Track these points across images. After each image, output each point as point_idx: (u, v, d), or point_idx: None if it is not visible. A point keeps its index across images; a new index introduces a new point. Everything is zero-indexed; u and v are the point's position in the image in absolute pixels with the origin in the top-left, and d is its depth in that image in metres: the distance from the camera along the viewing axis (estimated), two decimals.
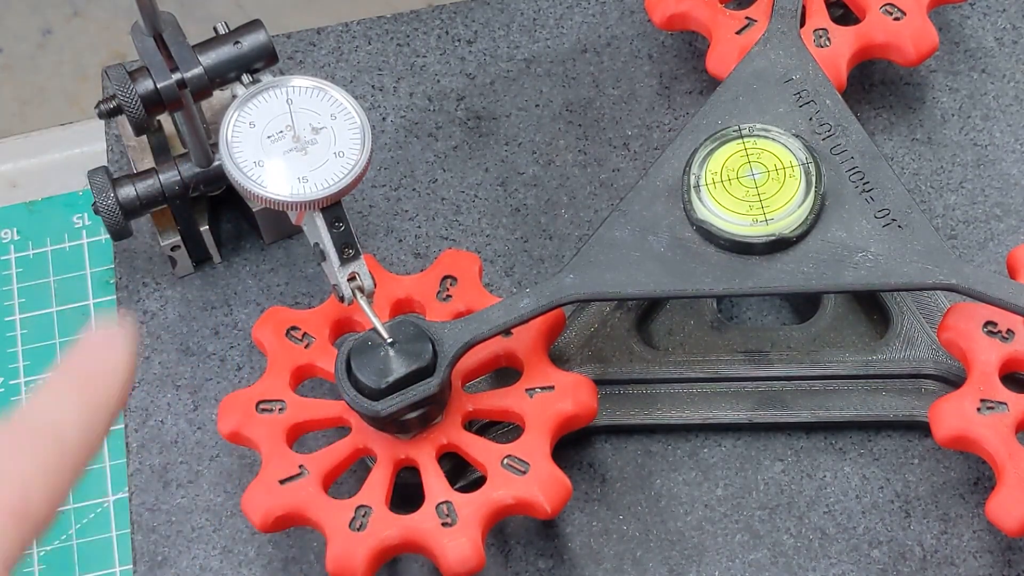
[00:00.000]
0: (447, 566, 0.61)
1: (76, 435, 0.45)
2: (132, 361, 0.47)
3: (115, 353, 0.47)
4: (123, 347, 0.47)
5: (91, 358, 0.47)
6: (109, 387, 0.46)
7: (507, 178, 0.74)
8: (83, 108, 1.33)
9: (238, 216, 0.74)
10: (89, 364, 0.47)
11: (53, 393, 0.46)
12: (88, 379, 0.46)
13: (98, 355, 0.47)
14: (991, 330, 0.64)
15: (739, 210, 0.63)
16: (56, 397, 0.46)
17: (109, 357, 0.47)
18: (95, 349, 0.47)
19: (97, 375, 0.47)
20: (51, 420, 0.45)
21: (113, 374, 0.46)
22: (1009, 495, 0.60)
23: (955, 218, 0.72)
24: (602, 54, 0.77)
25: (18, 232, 0.76)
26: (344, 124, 0.62)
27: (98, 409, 0.46)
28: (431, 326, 0.62)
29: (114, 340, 0.47)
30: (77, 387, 0.46)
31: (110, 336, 0.47)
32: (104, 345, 0.47)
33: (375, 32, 0.78)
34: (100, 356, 0.47)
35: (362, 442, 0.63)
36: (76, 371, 0.47)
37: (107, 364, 0.47)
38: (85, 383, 0.46)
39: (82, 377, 0.46)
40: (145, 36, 0.65)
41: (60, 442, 0.45)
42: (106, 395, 0.46)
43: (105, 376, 0.47)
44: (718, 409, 0.68)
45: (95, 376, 0.47)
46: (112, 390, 0.46)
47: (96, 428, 0.46)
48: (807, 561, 0.66)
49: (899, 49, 0.71)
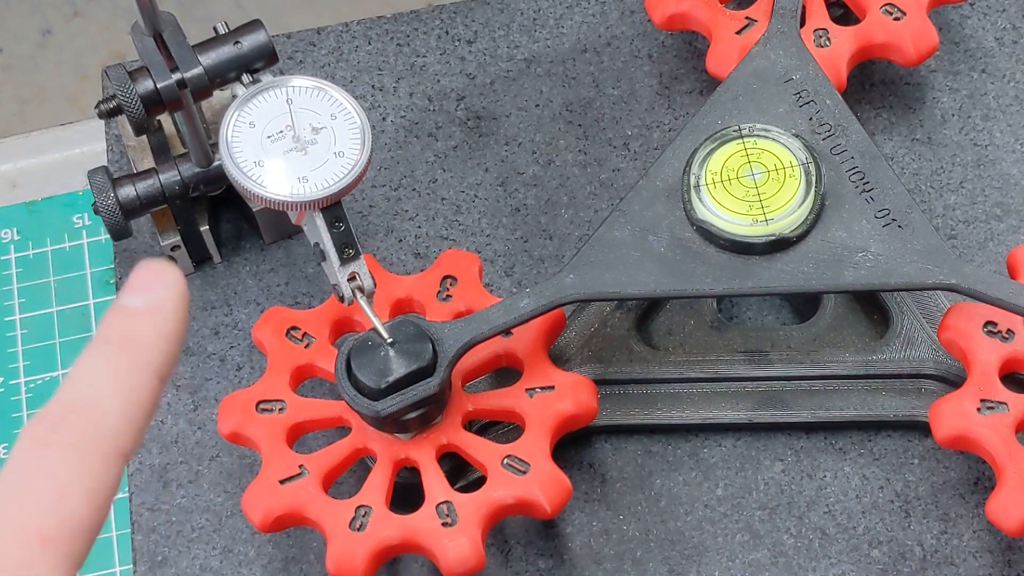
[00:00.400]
0: (447, 566, 0.61)
1: (118, 412, 0.40)
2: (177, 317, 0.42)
3: (155, 309, 0.42)
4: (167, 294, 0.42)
5: (130, 314, 0.42)
6: (151, 355, 0.41)
7: (507, 178, 0.74)
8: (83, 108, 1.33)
9: (238, 216, 0.74)
10: (125, 328, 0.42)
11: (87, 371, 0.41)
12: (125, 347, 0.41)
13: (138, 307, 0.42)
14: (991, 330, 0.64)
15: (739, 210, 0.63)
16: (91, 376, 0.41)
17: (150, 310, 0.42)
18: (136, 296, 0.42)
19: (136, 342, 0.41)
20: (87, 399, 0.40)
21: (156, 339, 0.42)
22: (1009, 495, 0.60)
23: (955, 218, 0.72)
24: (602, 54, 0.77)
25: (18, 232, 0.76)
26: (344, 124, 0.62)
27: (141, 381, 0.41)
28: (431, 326, 0.62)
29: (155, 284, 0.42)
30: (113, 360, 0.41)
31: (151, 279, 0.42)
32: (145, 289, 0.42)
33: (375, 32, 0.78)
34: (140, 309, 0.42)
35: (362, 442, 0.63)
36: (112, 339, 0.41)
37: (147, 320, 0.42)
38: (122, 353, 0.41)
39: (118, 347, 0.41)
40: (145, 36, 0.65)
41: (101, 421, 0.40)
42: (147, 364, 0.41)
43: (145, 342, 0.41)
44: (718, 409, 0.68)
45: (133, 343, 0.41)
46: (156, 357, 0.41)
47: (142, 400, 0.41)
48: (807, 561, 0.66)
49: (899, 49, 0.71)
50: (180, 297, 0.42)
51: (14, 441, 0.71)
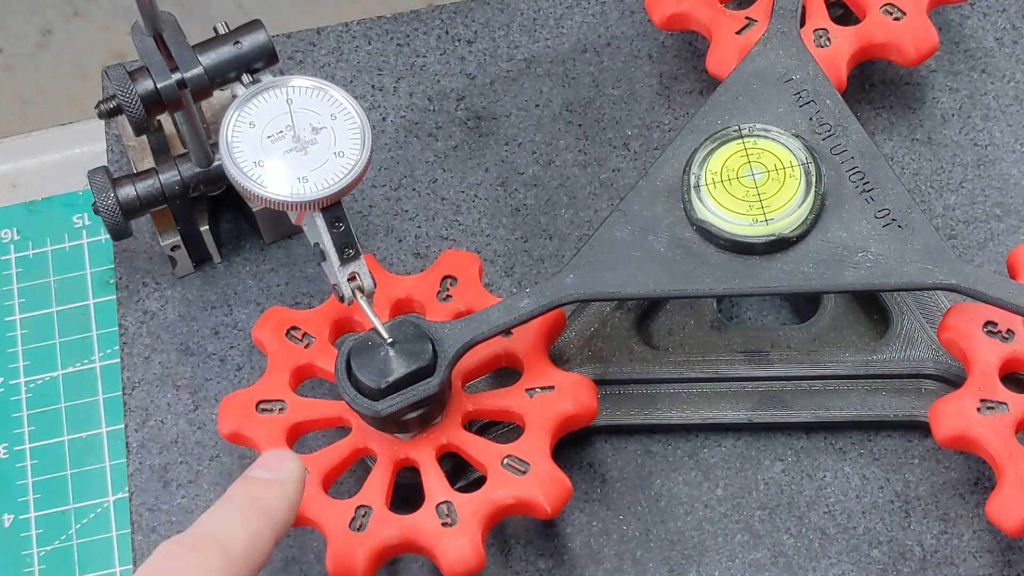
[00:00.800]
0: (447, 566, 0.61)
1: (242, 548, 0.49)
2: (299, 491, 0.52)
3: (283, 478, 0.51)
4: (291, 472, 0.52)
5: (259, 481, 0.52)
6: (275, 514, 0.51)
7: (507, 178, 0.74)
8: (83, 108, 1.33)
9: (238, 216, 0.74)
10: (256, 490, 0.51)
11: (221, 511, 0.50)
12: (254, 499, 0.51)
13: (266, 478, 0.52)
14: (991, 330, 0.64)
15: (739, 210, 0.63)
16: (224, 517, 0.50)
17: (276, 481, 0.52)
18: (264, 471, 0.52)
19: (264, 496, 0.51)
20: (218, 533, 0.49)
21: (281, 502, 0.51)
22: (1009, 495, 0.60)
23: (955, 218, 0.72)
24: (602, 54, 0.77)
25: (18, 232, 0.76)
26: (344, 124, 0.62)
27: (263, 531, 0.50)
28: (431, 326, 0.62)
29: (283, 464, 0.52)
30: (244, 505, 0.51)
31: (279, 460, 0.52)
32: (273, 467, 0.52)
33: (375, 32, 0.78)
34: (268, 479, 0.52)
35: (362, 442, 0.63)
36: (244, 492, 0.51)
37: (273, 487, 0.51)
38: (251, 502, 0.51)
39: (249, 497, 0.51)
40: (145, 36, 0.65)
41: (226, 551, 0.49)
42: (272, 520, 0.51)
43: (271, 497, 0.51)
44: (718, 409, 0.68)
45: (261, 502, 0.51)
46: (279, 516, 0.51)
47: (261, 549, 0.50)
48: (807, 561, 0.66)
49: (899, 49, 0.71)
50: (301, 475, 0.53)
51: (14, 442, 0.71)
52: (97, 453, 0.71)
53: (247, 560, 0.50)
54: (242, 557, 0.49)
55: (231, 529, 0.50)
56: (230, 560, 0.49)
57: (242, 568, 0.49)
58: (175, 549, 0.49)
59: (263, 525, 0.51)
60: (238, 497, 0.51)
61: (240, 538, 0.50)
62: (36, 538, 0.69)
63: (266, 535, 0.51)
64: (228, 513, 0.51)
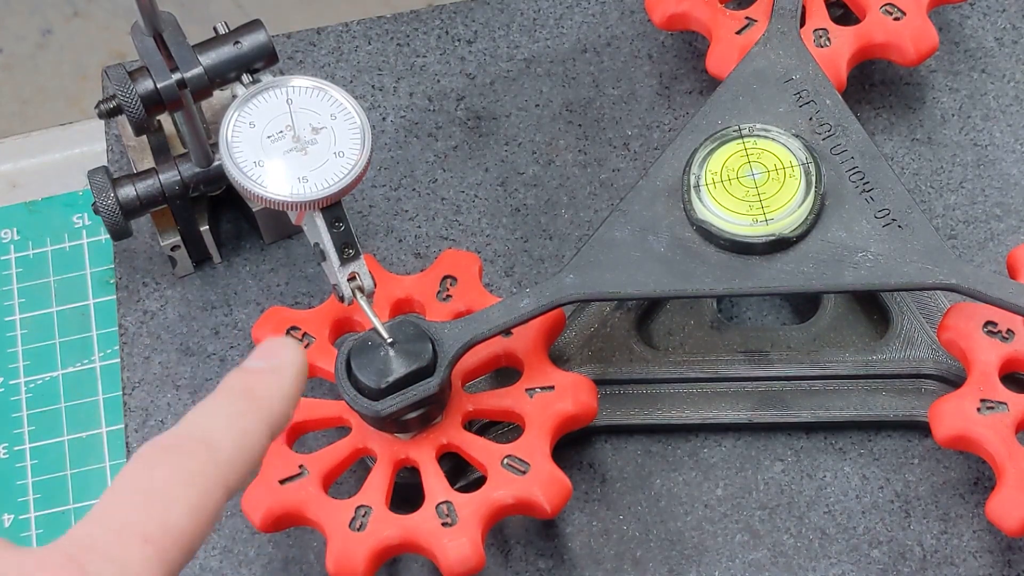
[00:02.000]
0: (447, 566, 0.61)
1: (229, 447, 0.44)
2: (297, 382, 0.46)
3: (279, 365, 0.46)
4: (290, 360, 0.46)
5: (253, 371, 0.46)
6: (268, 407, 0.46)
7: (507, 178, 0.74)
8: (83, 108, 1.33)
9: (238, 216, 0.74)
10: (247, 381, 0.46)
11: (207, 406, 0.45)
12: (246, 391, 0.45)
13: (260, 367, 0.47)
14: (991, 330, 0.64)
15: (739, 210, 0.63)
16: (210, 413, 0.45)
17: (271, 370, 0.46)
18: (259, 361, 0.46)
19: (256, 387, 0.46)
20: (203, 431, 0.44)
21: (275, 393, 0.46)
22: (1009, 495, 0.60)
23: (955, 218, 0.72)
24: (602, 54, 0.77)
25: (18, 232, 0.76)
26: (344, 124, 0.62)
27: (255, 427, 0.45)
28: (431, 326, 0.62)
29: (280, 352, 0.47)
30: (233, 399, 0.45)
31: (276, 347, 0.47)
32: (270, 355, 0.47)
33: (375, 32, 0.78)
34: (262, 368, 0.46)
35: (362, 442, 0.63)
36: (235, 384, 0.46)
37: (268, 377, 0.46)
38: (242, 394, 0.45)
39: (240, 389, 0.46)
40: (145, 36, 0.65)
41: (212, 451, 0.44)
42: (264, 414, 0.45)
43: (265, 388, 0.46)
44: (718, 409, 0.68)
45: (252, 394, 0.45)
46: (272, 410, 0.46)
47: (252, 447, 0.44)
48: (807, 561, 0.66)
49: (899, 49, 0.71)
50: (301, 365, 0.47)
51: (14, 442, 0.71)
52: (97, 453, 0.71)
53: (237, 458, 0.44)
54: (230, 455, 0.44)
55: (217, 425, 0.44)
56: (216, 460, 0.43)
57: (232, 467, 0.44)
58: (152, 453, 0.43)
59: (255, 419, 0.45)
60: (228, 390, 0.46)
61: (228, 435, 0.44)
62: (36, 538, 0.69)
63: (259, 430, 0.45)
64: (215, 407, 0.45)
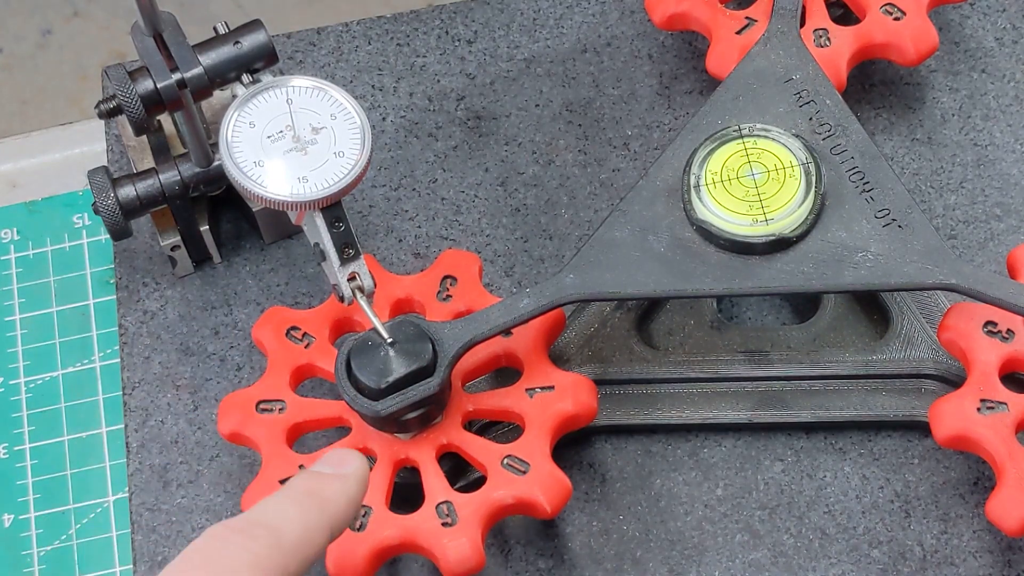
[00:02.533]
0: (447, 566, 0.61)
1: (294, 538, 0.47)
2: (361, 490, 0.50)
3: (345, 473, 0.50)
4: (355, 468, 0.50)
5: (319, 475, 0.50)
6: (333, 508, 0.49)
7: (507, 178, 0.74)
8: (83, 108, 1.33)
9: (238, 216, 0.74)
10: (315, 483, 0.49)
11: (276, 500, 0.48)
12: (311, 492, 0.49)
13: (326, 472, 0.50)
14: (991, 330, 0.64)
15: (739, 210, 0.63)
16: (279, 505, 0.48)
17: (337, 476, 0.50)
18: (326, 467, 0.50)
19: (322, 490, 0.49)
20: (271, 520, 0.47)
21: (340, 497, 0.49)
22: (1009, 495, 0.61)
23: (955, 218, 0.72)
24: (602, 54, 0.77)
25: (18, 232, 0.76)
26: (344, 124, 0.62)
27: (318, 523, 0.48)
28: (431, 326, 0.62)
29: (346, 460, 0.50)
30: (299, 496, 0.49)
31: (343, 456, 0.50)
32: (336, 463, 0.50)
33: (375, 32, 0.78)
34: (328, 474, 0.50)
35: (362, 442, 0.63)
36: (302, 484, 0.49)
37: (333, 481, 0.49)
38: (308, 494, 0.49)
39: (306, 489, 0.49)
40: (145, 36, 0.65)
41: (277, 538, 0.47)
42: (328, 514, 0.49)
43: (330, 491, 0.49)
44: (718, 409, 0.68)
45: (319, 495, 0.49)
46: (336, 511, 0.49)
47: (314, 541, 0.48)
48: (807, 561, 0.66)
49: (899, 49, 0.71)
50: (364, 473, 0.51)
51: (14, 442, 0.71)
52: (97, 453, 0.71)
53: (299, 550, 0.47)
54: (293, 546, 0.47)
55: (284, 517, 0.48)
56: (281, 548, 0.47)
57: (293, 558, 0.47)
58: (223, 532, 0.47)
59: (319, 517, 0.49)
60: (295, 488, 0.49)
61: (293, 527, 0.48)
62: (36, 538, 0.69)
63: (321, 527, 0.48)
64: (282, 503, 0.49)
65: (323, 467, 0.51)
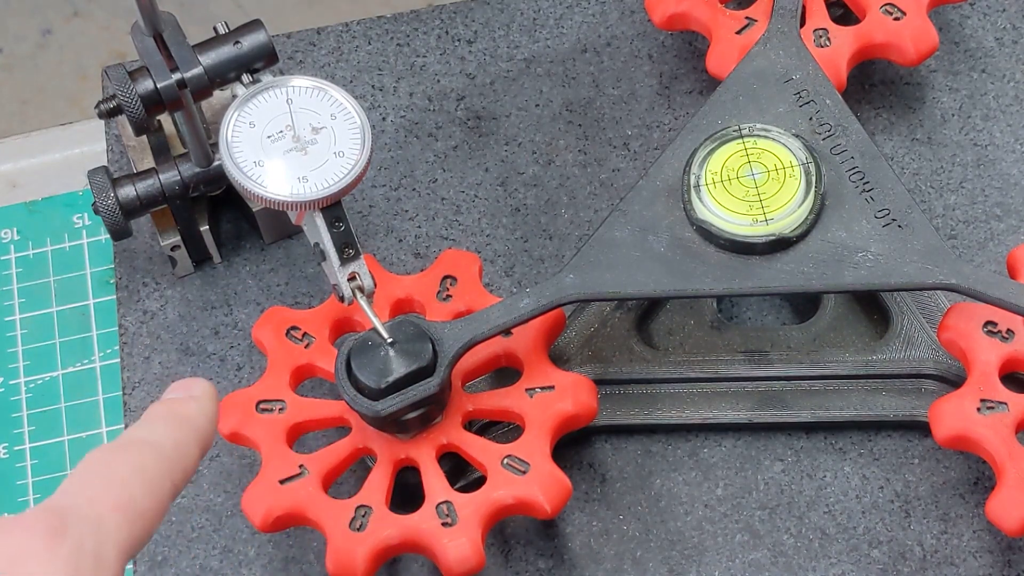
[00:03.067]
0: (447, 566, 0.61)
1: (172, 450, 0.49)
2: (215, 407, 0.52)
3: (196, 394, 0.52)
4: (203, 389, 0.52)
5: (173, 399, 0.52)
6: (197, 423, 0.51)
7: (507, 178, 0.74)
8: (83, 108, 1.33)
9: (238, 216, 0.74)
10: (174, 406, 0.51)
11: (143, 423, 0.50)
12: (175, 415, 0.51)
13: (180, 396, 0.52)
14: (991, 330, 0.64)
15: (739, 210, 0.63)
16: (150, 426, 0.50)
17: (191, 397, 0.52)
18: (175, 393, 0.52)
19: (182, 409, 0.51)
20: (146, 437, 0.49)
21: (200, 415, 0.51)
22: (1009, 495, 0.60)
23: (955, 218, 0.72)
24: (602, 54, 0.77)
25: (18, 232, 0.76)
26: (344, 124, 0.62)
27: (188, 438, 0.50)
28: (431, 326, 0.62)
29: (192, 385, 0.52)
30: (164, 416, 0.51)
31: (188, 382, 0.52)
32: (184, 388, 0.52)
33: (375, 32, 0.78)
34: (182, 397, 0.52)
35: (362, 442, 0.63)
36: (161, 408, 0.51)
37: (189, 402, 0.52)
38: (171, 413, 0.51)
39: (167, 410, 0.51)
40: (145, 36, 0.65)
41: (157, 450, 0.49)
42: (195, 428, 0.51)
43: (190, 410, 0.51)
44: (718, 409, 0.68)
45: (182, 414, 0.51)
46: (200, 426, 0.51)
47: (190, 454, 0.50)
48: (807, 561, 0.66)
49: (899, 49, 0.71)
50: (214, 393, 0.53)
51: (14, 442, 0.71)
52: None
53: (179, 461, 0.49)
54: (173, 457, 0.49)
55: (158, 433, 0.50)
56: (161, 456, 0.49)
57: (175, 467, 0.49)
58: (104, 455, 0.48)
59: (188, 431, 0.50)
60: (157, 413, 0.51)
61: (168, 441, 0.49)
62: None
63: (191, 442, 0.50)
64: (151, 423, 0.50)
65: (173, 395, 0.53)
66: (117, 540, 0.46)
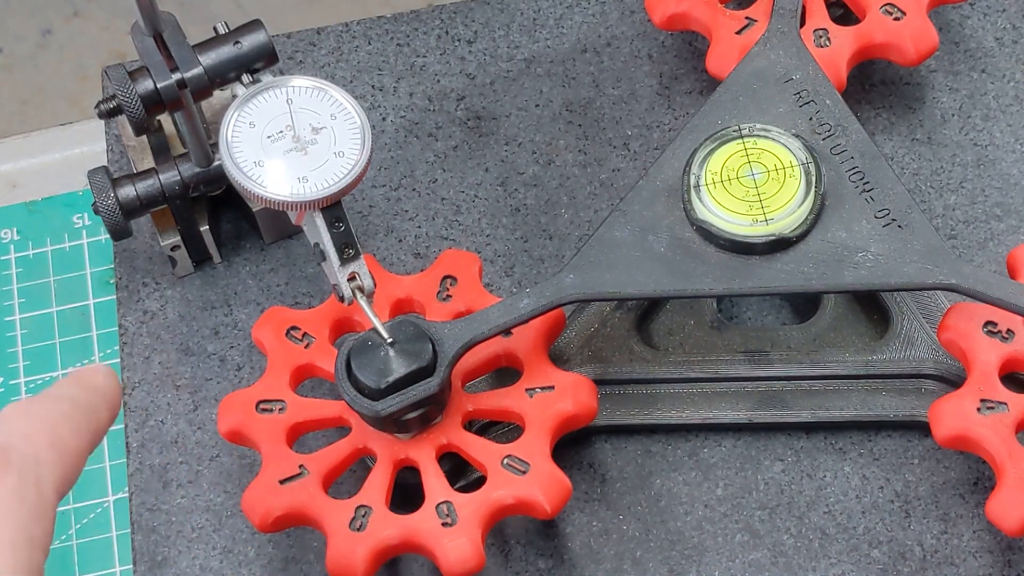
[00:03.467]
0: (447, 566, 0.61)
1: (85, 405, 0.51)
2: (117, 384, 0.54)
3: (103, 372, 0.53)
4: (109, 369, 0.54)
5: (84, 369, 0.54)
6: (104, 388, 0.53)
7: (507, 178, 0.74)
8: (83, 108, 1.33)
9: (238, 216, 0.74)
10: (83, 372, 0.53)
11: (58, 385, 0.52)
12: (84, 378, 0.53)
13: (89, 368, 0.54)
14: (991, 330, 0.64)
15: (739, 210, 0.63)
16: (62, 386, 0.52)
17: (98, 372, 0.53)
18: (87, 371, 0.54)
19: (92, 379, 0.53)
20: (59, 393, 0.51)
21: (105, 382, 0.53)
22: (1009, 495, 0.61)
23: (955, 218, 0.72)
24: (602, 54, 0.77)
25: (18, 232, 0.76)
26: (344, 124, 0.62)
27: (98, 398, 0.52)
28: (431, 326, 0.62)
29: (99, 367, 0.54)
30: (77, 382, 0.52)
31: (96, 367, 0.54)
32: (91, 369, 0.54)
33: (375, 32, 0.78)
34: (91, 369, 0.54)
35: (362, 442, 0.63)
36: (73, 375, 0.53)
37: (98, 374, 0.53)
38: (82, 379, 0.53)
39: (80, 377, 0.53)
40: (145, 36, 0.65)
41: (74, 403, 0.51)
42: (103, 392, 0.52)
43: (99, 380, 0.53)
44: (718, 409, 0.68)
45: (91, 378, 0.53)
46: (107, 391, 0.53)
47: (100, 415, 0.52)
48: (807, 561, 0.66)
49: (899, 49, 0.71)
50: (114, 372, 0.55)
51: None
52: (97, 453, 0.71)
53: (92, 416, 0.51)
54: (87, 412, 0.51)
55: (71, 391, 0.52)
56: (81, 409, 0.51)
57: (91, 420, 0.51)
58: (27, 404, 0.50)
59: (97, 395, 0.52)
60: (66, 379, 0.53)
61: (81, 398, 0.51)
62: None
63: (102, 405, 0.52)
64: (62, 386, 0.52)
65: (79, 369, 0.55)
66: (53, 476, 0.49)
